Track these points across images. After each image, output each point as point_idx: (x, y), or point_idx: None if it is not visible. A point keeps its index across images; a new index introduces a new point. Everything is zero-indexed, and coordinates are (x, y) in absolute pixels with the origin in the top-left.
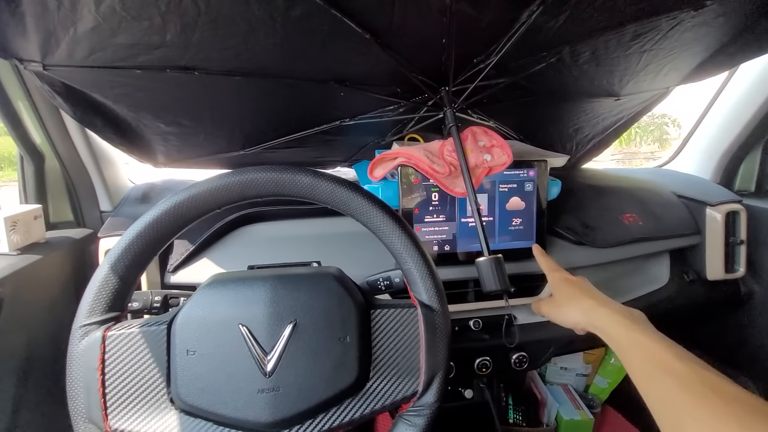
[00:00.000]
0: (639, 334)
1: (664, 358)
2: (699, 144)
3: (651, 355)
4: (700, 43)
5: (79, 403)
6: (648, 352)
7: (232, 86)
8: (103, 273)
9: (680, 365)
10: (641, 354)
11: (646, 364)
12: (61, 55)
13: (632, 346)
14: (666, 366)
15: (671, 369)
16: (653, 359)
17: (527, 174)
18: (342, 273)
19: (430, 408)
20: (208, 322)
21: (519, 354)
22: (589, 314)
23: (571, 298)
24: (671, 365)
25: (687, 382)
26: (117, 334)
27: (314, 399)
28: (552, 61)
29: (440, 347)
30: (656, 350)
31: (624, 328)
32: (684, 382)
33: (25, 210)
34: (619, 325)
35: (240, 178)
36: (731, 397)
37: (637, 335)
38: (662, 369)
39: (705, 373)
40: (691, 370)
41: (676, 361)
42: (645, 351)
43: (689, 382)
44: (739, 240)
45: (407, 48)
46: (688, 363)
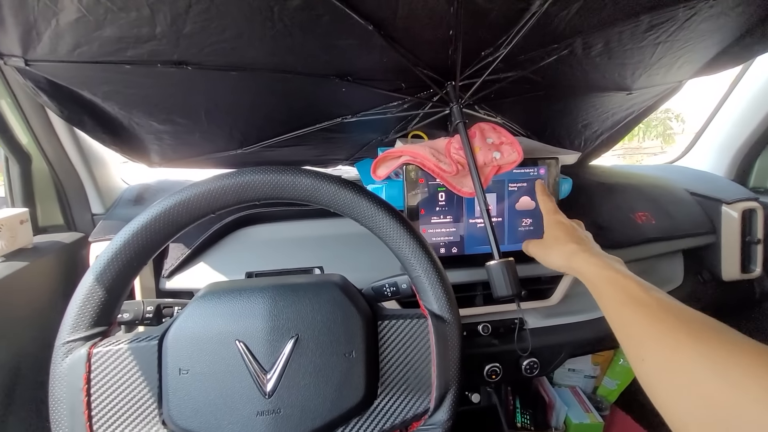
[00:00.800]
0: (611, 272)
1: (632, 291)
2: (712, 140)
3: (621, 288)
4: (717, 34)
5: (62, 427)
6: (618, 286)
7: (228, 82)
8: (88, 285)
9: (645, 296)
10: (612, 288)
11: (616, 297)
12: (43, 50)
13: (605, 282)
14: (633, 297)
15: (637, 299)
16: (623, 292)
17: (537, 172)
18: (346, 281)
19: (443, 426)
20: (202, 338)
21: (530, 360)
22: (570, 258)
23: (558, 240)
24: (638, 296)
25: (650, 308)
26: (104, 351)
27: (318, 420)
28: (563, 53)
29: (452, 360)
30: (626, 285)
31: (599, 268)
32: (648, 309)
33: (10, 214)
34: (595, 266)
35: (236, 180)
36: (687, 318)
37: (610, 273)
38: (630, 299)
39: (667, 301)
40: (654, 299)
41: (642, 293)
42: (615, 286)
43: (652, 308)
44: (756, 239)
45: (412, 40)
46: (652, 294)
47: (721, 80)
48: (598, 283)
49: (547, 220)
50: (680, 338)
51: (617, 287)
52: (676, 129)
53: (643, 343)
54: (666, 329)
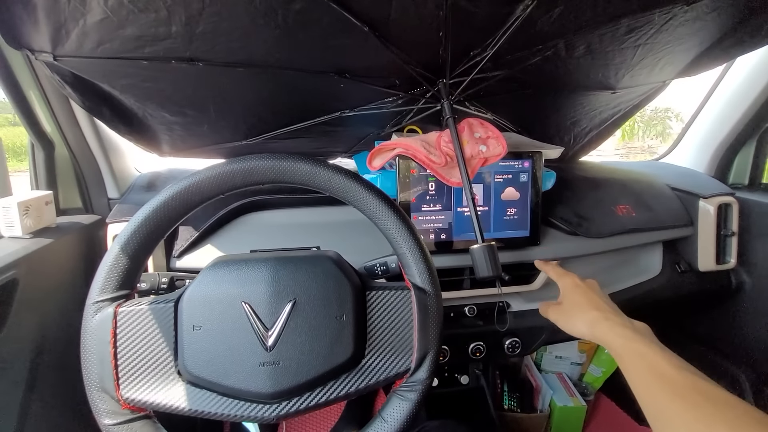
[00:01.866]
0: (639, 345)
1: (660, 367)
2: (694, 137)
3: (648, 364)
4: (695, 37)
5: (93, 374)
6: (645, 361)
7: (235, 77)
8: (114, 253)
9: (675, 373)
10: (639, 363)
11: (643, 373)
12: (70, 47)
13: (632, 356)
14: (661, 374)
15: (666, 377)
16: (650, 368)
17: (522, 165)
18: (339, 256)
19: (423, 384)
20: (212, 300)
21: (512, 339)
22: (594, 327)
23: (579, 307)
24: (666, 374)
25: (680, 389)
26: (128, 311)
27: (312, 373)
28: (547, 54)
29: (432, 327)
30: (653, 360)
31: (625, 339)
32: (677, 389)
33: (37, 195)
34: (621, 336)
35: (243, 165)
36: (721, 402)
37: (637, 345)
38: (658, 377)
39: (698, 382)
40: (684, 378)
41: (672, 370)
42: (643, 360)
43: (682, 389)
44: (730, 232)
45: (405, 41)
46: (682, 372)
47: (714, 79)
48: (624, 356)
49: (562, 284)
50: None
51: (645, 362)
52: (676, 128)
53: (673, 425)
54: (700, 416)
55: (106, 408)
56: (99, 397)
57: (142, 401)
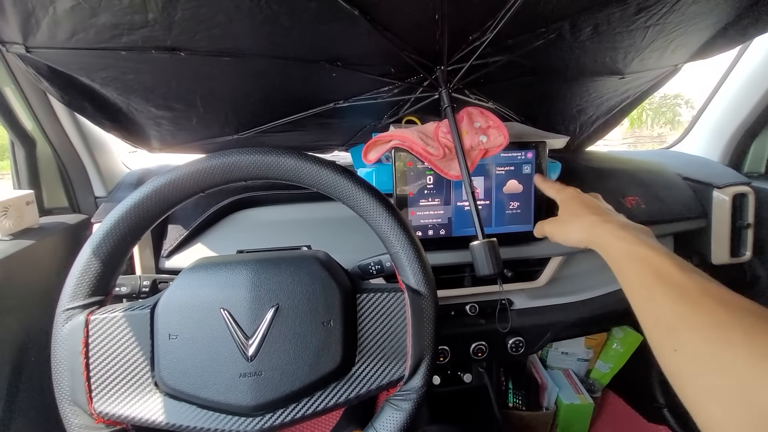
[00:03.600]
0: (640, 247)
1: (663, 269)
2: (707, 124)
3: (649, 266)
4: (710, 17)
5: (64, 386)
6: (646, 263)
7: (221, 67)
8: (86, 257)
9: (680, 275)
10: (639, 266)
11: (643, 276)
12: (42, 37)
13: (630, 259)
14: (664, 276)
15: (669, 279)
16: (651, 270)
17: (525, 156)
18: (327, 256)
19: (417, 392)
20: (189, 306)
21: (515, 339)
22: (591, 230)
23: (576, 214)
24: (670, 275)
25: (686, 291)
26: (100, 318)
27: (297, 383)
28: (551, 37)
29: (427, 331)
30: (655, 261)
31: (625, 242)
32: (682, 291)
33: (17, 195)
34: (620, 239)
35: (223, 160)
36: (734, 305)
37: (637, 248)
38: (660, 279)
39: (707, 285)
40: (691, 279)
41: (676, 271)
42: (643, 263)
43: (688, 291)
44: (746, 223)
45: (399, 25)
46: (688, 273)
47: (728, 63)
48: (622, 260)
49: (560, 197)
50: (729, 332)
51: (647, 265)
52: (686, 116)
53: (678, 331)
54: (710, 320)
55: (78, 422)
56: (71, 410)
57: (117, 415)
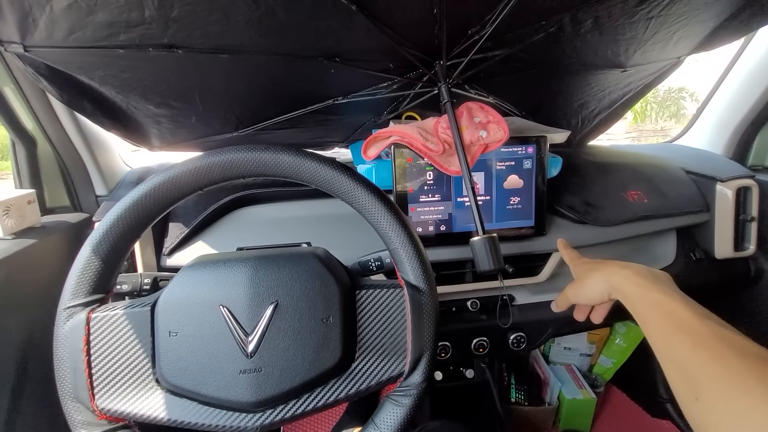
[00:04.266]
0: (658, 294)
1: (681, 317)
2: (711, 117)
3: (668, 314)
4: (712, 8)
5: (66, 383)
6: (665, 311)
7: (219, 65)
8: (85, 256)
9: (697, 323)
10: (658, 314)
11: (663, 324)
12: (40, 36)
13: (650, 306)
14: (682, 324)
15: (688, 327)
16: (670, 318)
17: (526, 151)
18: (327, 253)
19: (417, 388)
20: (189, 304)
21: (517, 334)
22: (611, 278)
23: (591, 270)
24: (688, 323)
25: (703, 339)
26: (101, 316)
27: (297, 379)
28: (552, 30)
29: (427, 327)
30: (674, 309)
31: (644, 289)
32: (700, 339)
33: (18, 195)
34: (640, 286)
35: (221, 158)
36: (750, 354)
37: (656, 295)
38: (679, 327)
39: (723, 331)
40: (707, 328)
41: (694, 320)
42: (662, 310)
43: (706, 339)
44: (750, 217)
45: (397, 20)
46: (705, 321)
47: (731, 55)
48: (640, 306)
49: (574, 266)
50: (745, 381)
51: (664, 312)
52: (691, 109)
53: (698, 381)
54: (727, 368)
55: (81, 419)
56: (73, 407)
57: (119, 411)
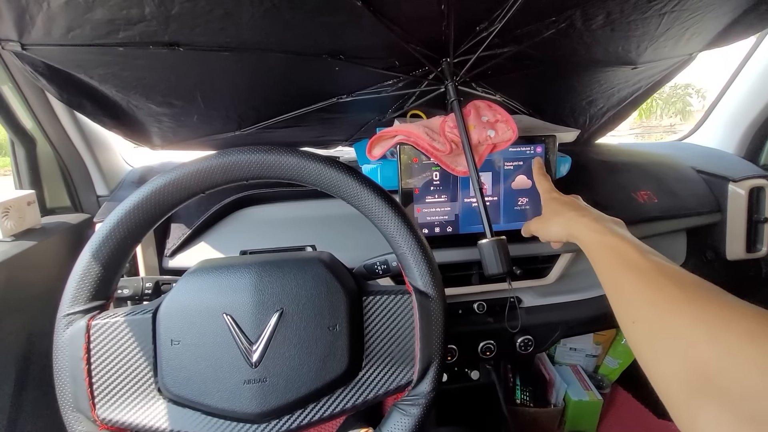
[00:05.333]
0: (610, 237)
1: (629, 256)
2: (722, 115)
3: (618, 254)
4: (728, 3)
5: (66, 393)
6: (615, 251)
7: (221, 63)
8: (85, 261)
9: (642, 259)
10: (609, 254)
11: (612, 263)
12: (38, 34)
13: (602, 248)
14: (629, 262)
15: (633, 263)
16: (619, 258)
17: (534, 150)
18: (332, 258)
19: (426, 397)
20: (191, 311)
21: (524, 337)
22: (569, 225)
23: (556, 212)
24: (635, 261)
25: (645, 272)
26: (102, 323)
27: (303, 389)
28: (562, 26)
29: (436, 335)
30: (623, 249)
31: (597, 233)
32: (644, 274)
33: (18, 196)
34: (594, 231)
35: (223, 160)
36: (685, 282)
37: (609, 238)
38: (626, 264)
39: (665, 265)
40: (651, 262)
41: (639, 257)
42: (612, 251)
43: (647, 271)
44: (763, 217)
45: (403, 16)
46: (651, 258)
47: (743, 51)
48: (595, 249)
49: (544, 198)
50: (675, 300)
51: (614, 252)
52: (697, 105)
53: (636, 304)
54: (661, 292)
55: (81, 429)
56: (74, 417)
57: (120, 421)
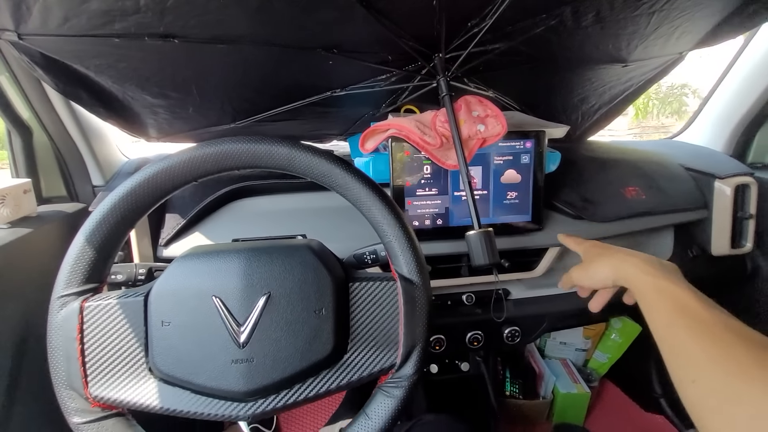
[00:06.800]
0: (665, 282)
1: (687, 303)
2: (712, 114)
3: (674, 301)
4: (716, 4)
5: (60, 371)
6: (671, 298)
7: (215, 55)
8: (79, 245)
9: (704, 311)
10: (664, 300)
11: (667, 310)
12: (34, 24)
13: (656, 293)
14: (687, 310)
15: (692, 313)
16: (676, 305)
17: (524, 146)
18: (320, 245)
19: (409, 380)
20: (182, 294)
21: (511, 328)
22: (618, 267)
23: (600, 255)
24: (694, 310)
25: (708, 326)
26: (95, 305)
27: (289, 370)
28: (552, 23)
29: (419, 320)
30: (681, 296)
31: (651, 277)
32: (705, 326)
33: (14, 184)
34: (647, 273)
35: (215, 149)
36: (753, 341)
37: (663, 282)
38: (683, 313)
39: (729, 320)
40: (712, 315)
41: (700, 308)
42: (668, 297)
43: (710, 326)
44: (747, 214)
45: (396, 11)
46: (712, 310)
47: (734, 50)
48: (647, 293)
49: (581, 249)
50: (745, 363)
51: (670, 299)
52: (693, 106)
53: (697, 362)
54: (727, 351)
55: (75, 406)
56: (67, 395)
57: (112, 399)
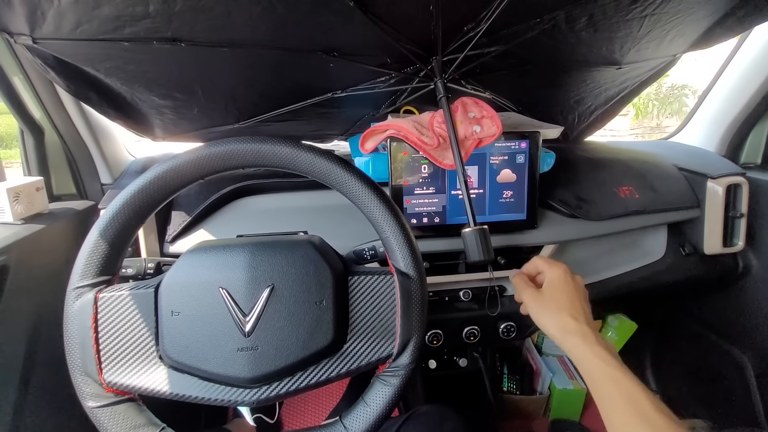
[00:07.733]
0: (614, 370)
1: (639, 403)
2: (705, 115)
3: (629, 398)
4: (707, 6)
5: (75, 358)
6: (622, 390)
7: (220, 58)
8: (93, 239)
9: (656, 416)
10: (615, 391)
11: (621, 404)
12: (48, 28)
13: (607, 381)
14: (641, 412)
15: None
16: (631, 404)
17: (519, 146)
18: (321, 241)
19: (405, 369)
20: (190, 286)
21: (507, 323)
22: (566, 337)
23: (557, 305)
24: (648, 413)
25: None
26: (108, 296)
27: (291, 358)
28: (546, 27)
29: (415, 312)
30: (635, 395)
31: (600, 361)
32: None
33: (27, 182)
34: (597, 356)
35: (221, 148)
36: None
37: (612, 371)
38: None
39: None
40: (667, 424)
41: (653, 411)
42: (619, 389)
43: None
44: (739, 213)
45: (394, 16)
46: (664, 416)
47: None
48: (598, 380)
49: (551, 273)
50: None
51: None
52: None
53: None
54: None
55: (89, 391)
56: (82, 380)
57: (125, 385)
